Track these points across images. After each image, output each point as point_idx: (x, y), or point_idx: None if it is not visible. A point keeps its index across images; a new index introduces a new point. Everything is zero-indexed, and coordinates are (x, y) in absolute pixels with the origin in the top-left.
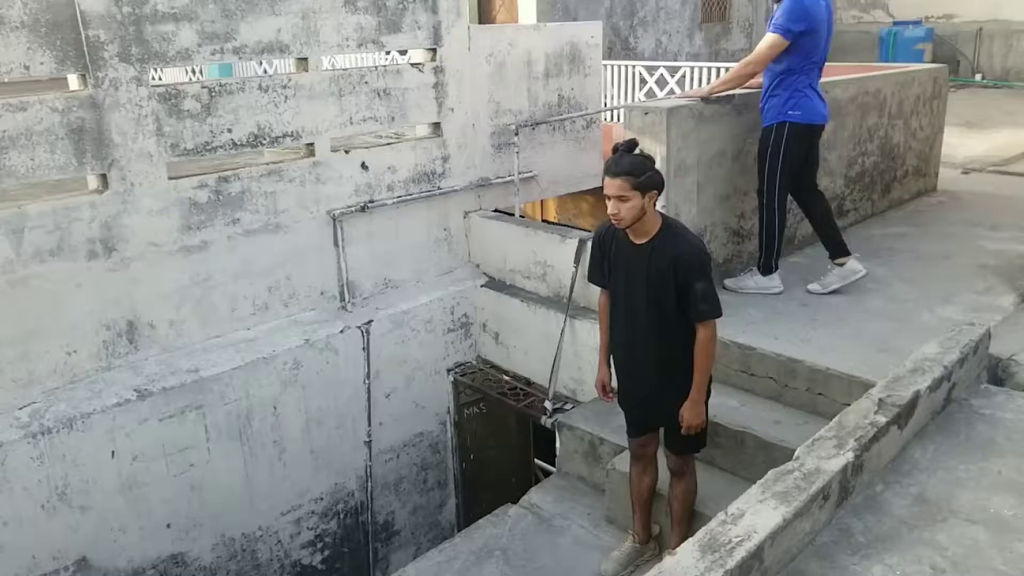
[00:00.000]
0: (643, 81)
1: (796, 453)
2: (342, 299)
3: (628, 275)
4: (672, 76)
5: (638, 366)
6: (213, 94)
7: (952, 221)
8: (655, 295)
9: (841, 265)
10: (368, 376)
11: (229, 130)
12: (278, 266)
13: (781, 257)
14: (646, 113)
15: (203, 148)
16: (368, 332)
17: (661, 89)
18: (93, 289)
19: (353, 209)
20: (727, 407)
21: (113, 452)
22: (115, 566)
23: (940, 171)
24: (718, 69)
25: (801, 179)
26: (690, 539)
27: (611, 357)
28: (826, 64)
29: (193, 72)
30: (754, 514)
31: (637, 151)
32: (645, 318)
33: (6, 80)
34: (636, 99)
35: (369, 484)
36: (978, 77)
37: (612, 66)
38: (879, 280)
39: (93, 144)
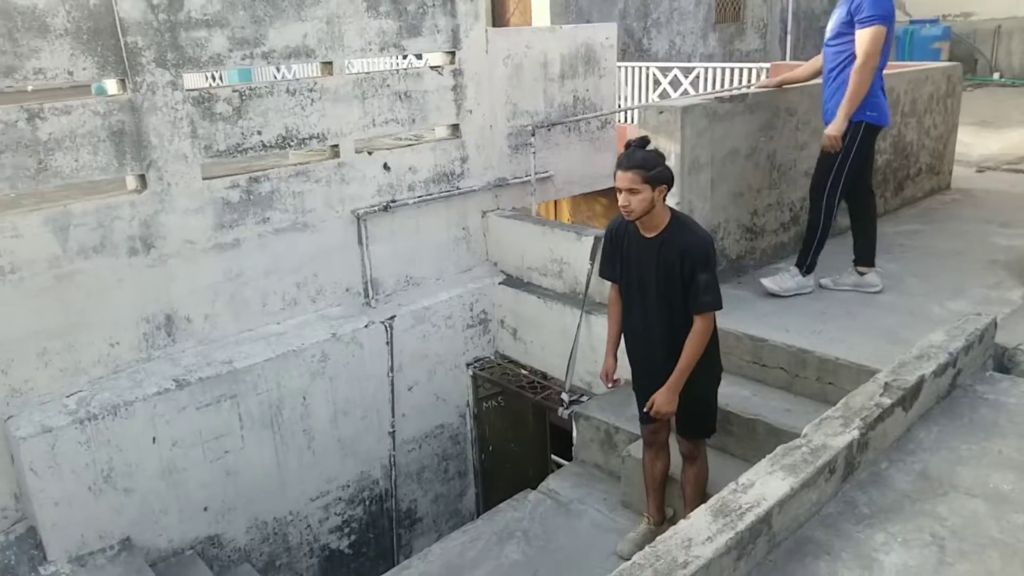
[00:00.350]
0: (657, 82)
1: (804, 431)
2: (366, 295)
3: (639, 269)
4: (686, 77)
5: (650, 356)
6: (244, 98)
7: (965, 218)
8: (665, 288)
9: (862, 274)
10: (391, 369)
11: (259, 132)
12: (306, 263)
13: (789, 258)
14: (661, 112)
15: (235, 150)
16: (391, 327)
17: (675, 90)
18: (134, 284)
19: (376, 208)
20: (739, 396)
21: (154, 438)
22: (156, 546)
23: (954, 169)
24: (732, 70)
25: (860, 179)
26: (703, 505)
27: (625, 347)
28: None
29: (213, 77)
30: (763, 484)
31: (649, 148)
32: (656, 310)
33: (47, 85)
34: (650, 100)
35: (393, 473)
36: (996, 76)
37: (626, 67)
38: (890, 276)
39: (132, 146)
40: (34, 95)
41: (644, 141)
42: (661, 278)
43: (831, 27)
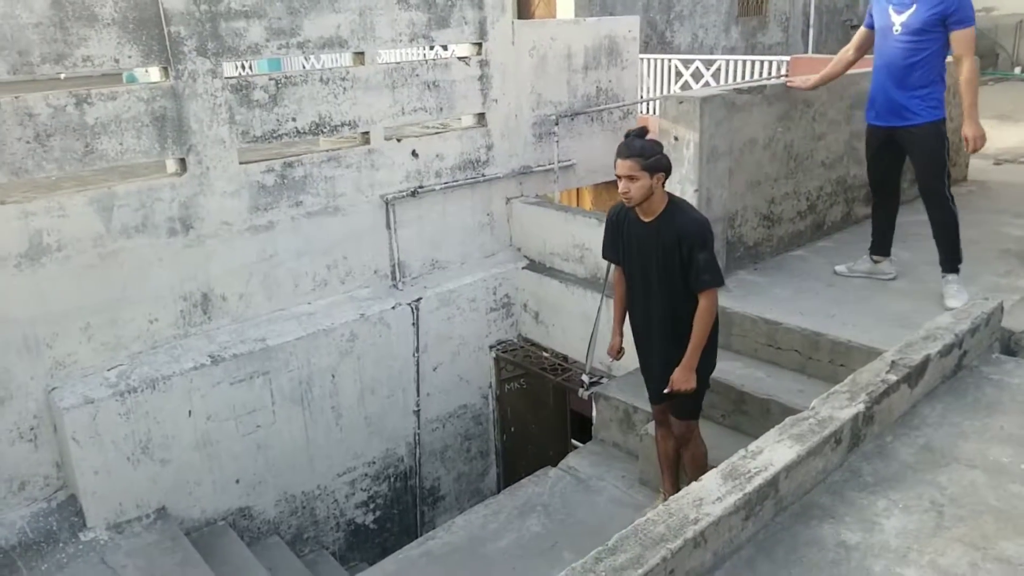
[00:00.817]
0: (679, 74)
1: (812, 404)
2: (393, 278)
3: (640, 252)
4: (707, 69)
5: (653, 338)
6: (279, 86)
7: (979, 209)
8: (664, 270)
9: (876, 262)
10: (417, 350)
11: (293, 119)
12: (336, 246)
13: (813, 242)
14: (681, 102)
15: (270, 135)
16: (417, 309)
17: (696, 82)
18: (172, 263)
19: (404, 194)
20: (753, 378)
21: (190, 411)
22: (190, 516)
23: (971, 161)
24: (752, 63)
25: (896, 173)
26: (713, 469)
27: (631, 328)
28: (860, 58)
29: (243, 66)
30: (771, 451)
31: (647, 137)
32: (658, 293)
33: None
34: (672, 91)
35: (417, 451)
36: (1017, 70)
37: (648, 59)
38: (904, 263)
39: (174, 131)
40: (67, 83)
41: (643, 131)
42: (660, 260)
43: (905, 22)
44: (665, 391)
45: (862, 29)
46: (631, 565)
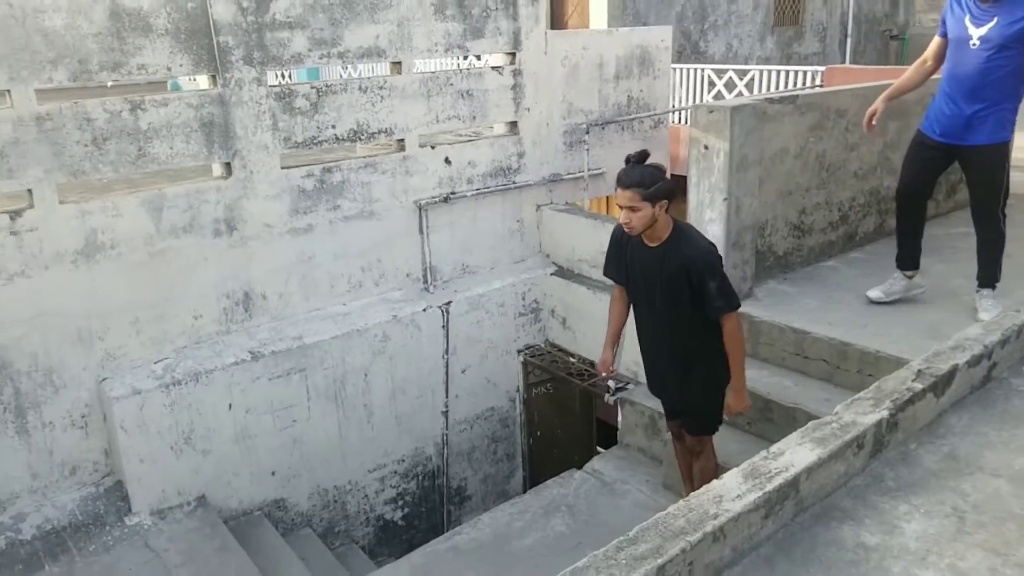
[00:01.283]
0: (712, 84)
1: (836, 409)
2: (425, 281)
3: (644, 276)
4: (741, 79)
5: (660, 360)
6: (320, 94)
7: (1016, 223)
8: (670, 295)
9: (910, 277)
10: (447, 352)
11: (333, 126)
12: (371, 249)
13: (845, 253)
14: (711, 111)
15: (310, 142)
16: (447, 312)
17: (730, 92)
18: (217, 263)
19: (437, 200)
20: (781, 386)
21: (230, 405)
22: (228, 506)
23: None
24: (787, 73)
25: (930, 189)
26: (735, 468)
27: (639, 347)
28: (938, 68)
29: (282, 75)
30: (792, 453)
31: (648, 162)
32: (663, 316)
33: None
34: (704, 101)
35: (445, 451)
36: None
37: (681, 69)
38: (938, 276)
39: (220, 136)
40: (113, 90)
41: (643, 156)
42: (665, 286)
43: (985, 35)
44: (724, 416)
45: (937, 39)
46: (651, 555)
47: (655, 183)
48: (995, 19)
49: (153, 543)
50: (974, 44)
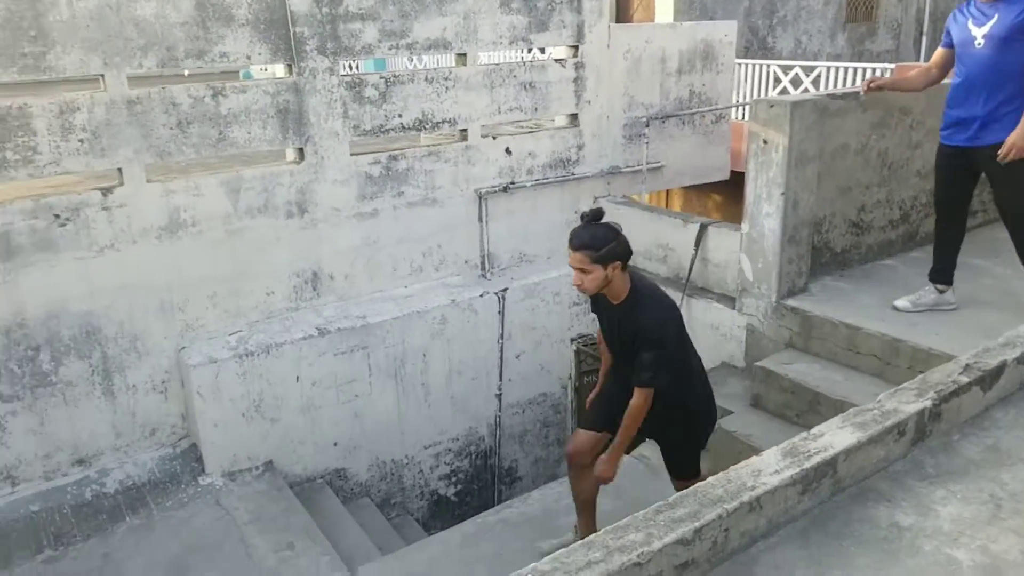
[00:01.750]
0: (777, 80)
1: (879, 397)
2: (483, 268)
3: (610, 329)
4: (807, 76)
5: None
6: (389, 84)
7: None
8: (630, 354)
9: (941, 292)
10: (502, 337)
11: (400, 115)
12: (432, 235)
13: (905, 252)
14: (771, 106)
15: (378, 130)
16: (504, 298)
17: (795, 88)
18: (288, 243)
19: (497, 189)
20: (831, 380)
21: (297, 377)
22: (293, 472)
23: None
24: (855, 70)
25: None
26: (775, 447)
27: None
28: (943, 78)
29: (349, 66)
30: (832, 435)
31: (603, 220)
32: (627, 368)
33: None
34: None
35: (498, 432)
36: None
37: (746, 64)
38: (996, 276)
39: (295, 123)
40: (190, 79)
41: (596, 214)
42: (627, 345)
43: (988, 33)
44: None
45: (940, 50)
46: (688, 519)
47: (605, 245)
48: (996, 15)
49: (224, 502)
50: (979, 44)
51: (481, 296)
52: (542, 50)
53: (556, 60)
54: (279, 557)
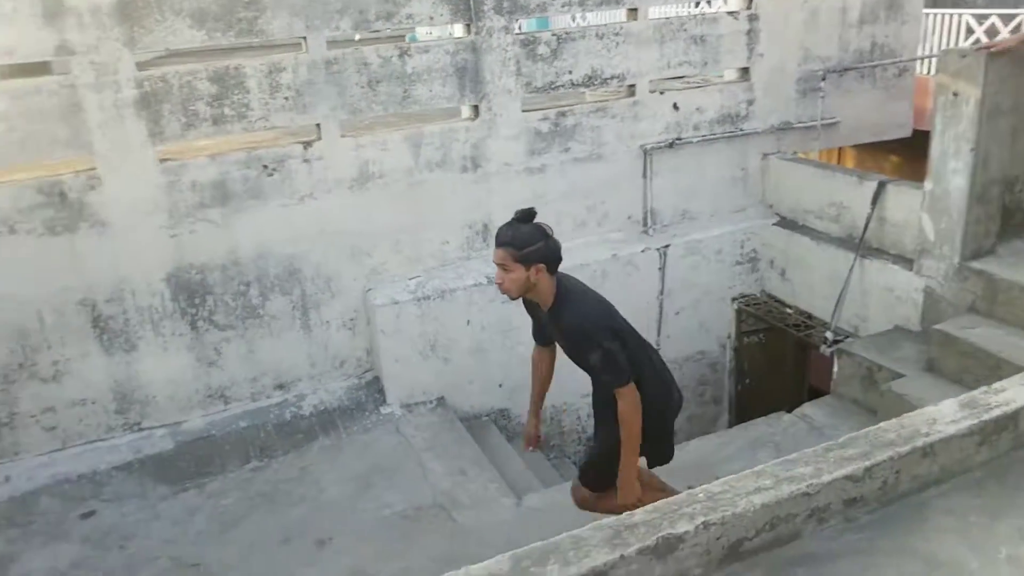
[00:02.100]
0: (970, 31)
1: None
2: (644, 224)
3: (551, 336)
4: (1006, 25)
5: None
6: (560, 41)
7: None
8: (572, 357)
9: None
10: (661, 293)
11: (570, 72)
12: (596, 190)
13: None
14: (963, 56)
15: (548, 87)
16: (665, 255)
17: (990, 40)
18: (462, 196)
19: (662, 145)
20: (1015, 347)
21: (468, 321)
22: (462, 408)
23: None
24: None
25: None
26: (951, 399)
27: None
28: None
29: (518, 26)
30: (1015, 391)
31: (535, 220)
32: (594, 386)
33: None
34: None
35: None
36: None
37: (935, 15)
38: None
39: (471, 81)
40: (360, 44)
41: (527, 215)
42: (570, 354)
43: None
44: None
45: None
46: (859, 458)
47: (529, 245)
48: None
49: (403, 430)
50: None
51: (642, 251)
52: (709, 2)
53: (728, 12)
54: (453, 481)
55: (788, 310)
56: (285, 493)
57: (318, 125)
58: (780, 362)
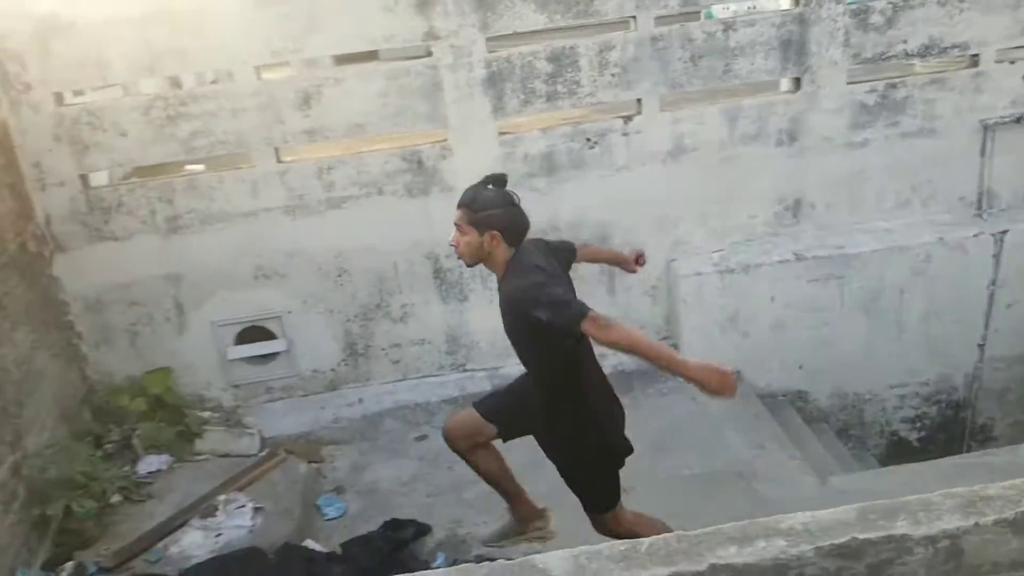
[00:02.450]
0: None
1: None
2: (978, 206)
3: None
4: None
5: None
6: (896, 9)
7: None
8: (510, 335)
9: None
10: (994, 283)
11: (904, 41)
12: (923, 168)
13: None
14: None
15: (878, 58)
16: (1002, 241)
17: None
18: (775, 170)
19: (1007, 120)
20: None
21: (772, 297)
22: (758, 385)
23: None
24: None
25: None
26: None
27: None
28: None
29: None
30: None
31: (503, 188)
32: (530, 373)
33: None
34: None
35: (975, 384)
36: None
37: None
38: None
39: (795, 53)
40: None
41: (496, 179)
42: (510, 334)
43: None
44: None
45: None
46: None
47: (486, 209)
48: None
49: (699, 398)
50: None
51: (975, 236)
52: None
53: None
54: (752, 453)
55: None
56: None
57: (639, 100)
58: None
